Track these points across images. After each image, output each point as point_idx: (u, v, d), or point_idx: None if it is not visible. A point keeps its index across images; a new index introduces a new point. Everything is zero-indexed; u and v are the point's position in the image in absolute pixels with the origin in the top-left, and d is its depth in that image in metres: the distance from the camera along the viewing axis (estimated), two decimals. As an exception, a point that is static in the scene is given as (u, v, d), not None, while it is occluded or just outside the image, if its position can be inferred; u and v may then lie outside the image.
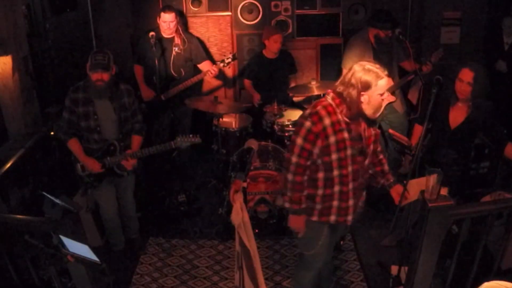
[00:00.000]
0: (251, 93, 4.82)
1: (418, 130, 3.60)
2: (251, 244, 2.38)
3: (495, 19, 4.91)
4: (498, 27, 4.74)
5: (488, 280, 1.74)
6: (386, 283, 3.33)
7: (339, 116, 2.49)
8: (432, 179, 2.37)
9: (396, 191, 2.84)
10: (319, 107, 2.51)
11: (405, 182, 2.84)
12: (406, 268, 2.85)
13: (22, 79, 3.93)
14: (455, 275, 2.64)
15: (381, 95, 2.45)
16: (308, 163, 2.56)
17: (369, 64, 2.48)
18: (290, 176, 2.59)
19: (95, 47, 5.03)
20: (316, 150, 2.52)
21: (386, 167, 2.87)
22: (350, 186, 2.59)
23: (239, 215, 2.30)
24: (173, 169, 4.79)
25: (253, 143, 2.82)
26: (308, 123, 2.49)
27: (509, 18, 4.63)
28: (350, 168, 2.55)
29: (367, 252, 3.81)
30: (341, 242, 3.86)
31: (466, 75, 3.11)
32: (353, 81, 2.45)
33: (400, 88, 4.72)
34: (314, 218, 2.68)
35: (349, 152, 2.52)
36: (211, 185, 4.81)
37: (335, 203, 2.62)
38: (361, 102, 2.46)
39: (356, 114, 2.51)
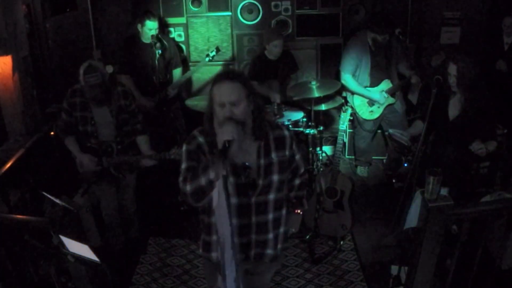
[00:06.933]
0: (266, 94, 4.53)
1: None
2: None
3: (495, 19, 4.90)
4: (498, 27, 4.73)
5: (487, 281, 1.73)
6: (386, 283, 3.33)
7: None
8: (432, 179, 2.38)
9: None
10: None
11: None
12: (406, 268, 2.85)
13: (22, 79, 3.93)
14: (455, 275, 2.64)
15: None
16: None
17: None
18: None
19: (95, 47, 5.02)
20: None
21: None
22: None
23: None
24: (173, 169, 4.77)
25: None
26: None
27: (509, 18, 4.62)
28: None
29: (367, 252, 3.81)
30: (341, 242, 3.86)
31: (451, 68, 3.31)
32: None
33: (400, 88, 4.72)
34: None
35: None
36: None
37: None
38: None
39: None
